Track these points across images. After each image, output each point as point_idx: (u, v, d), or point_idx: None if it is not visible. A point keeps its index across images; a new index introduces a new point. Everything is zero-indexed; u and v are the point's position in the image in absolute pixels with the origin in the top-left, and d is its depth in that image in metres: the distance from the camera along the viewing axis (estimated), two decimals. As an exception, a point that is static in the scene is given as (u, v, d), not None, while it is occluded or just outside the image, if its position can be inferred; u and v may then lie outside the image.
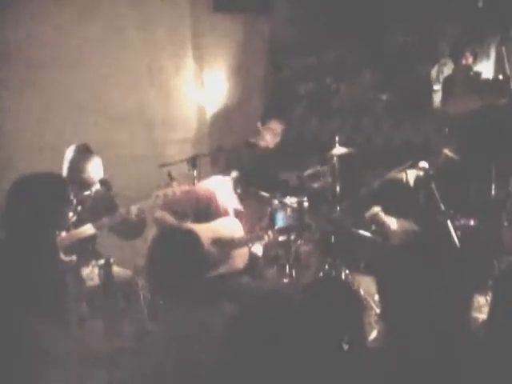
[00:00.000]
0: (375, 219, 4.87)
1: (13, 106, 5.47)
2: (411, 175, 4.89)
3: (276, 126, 5.33)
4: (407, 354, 2.09)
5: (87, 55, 5.85)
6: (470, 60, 6.73)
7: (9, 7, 5.35)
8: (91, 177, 4.36)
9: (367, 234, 4.80)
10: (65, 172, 4.30)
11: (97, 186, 4.42)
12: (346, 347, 2.56)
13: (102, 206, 4.43)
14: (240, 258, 4.34)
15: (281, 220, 4.73)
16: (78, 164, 4.31)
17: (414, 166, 4.81)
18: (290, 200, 4.77)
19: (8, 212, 3.21)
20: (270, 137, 5.32)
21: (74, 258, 3.94)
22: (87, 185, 4.34)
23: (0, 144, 5.40)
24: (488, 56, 7.15)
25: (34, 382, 2.89)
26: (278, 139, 5.37)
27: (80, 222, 4.16)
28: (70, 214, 4.11)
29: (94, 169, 4.37)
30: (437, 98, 7.17)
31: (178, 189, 4.20)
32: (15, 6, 5.38)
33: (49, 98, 5.62)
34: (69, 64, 5.73)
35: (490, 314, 2.33)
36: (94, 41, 5.89)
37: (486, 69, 7.09)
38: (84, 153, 4.37)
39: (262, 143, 5.41)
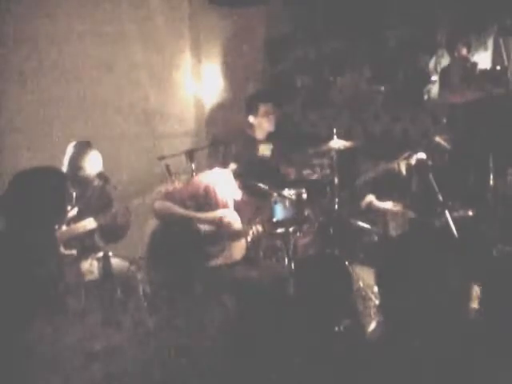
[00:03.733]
0: (370, 207, 4.88)
1: (13, 102, 5.48)
2: (403, 164, 4.90)
3: (267, 108, 5.34)
4: (406, 345, 2.10)
5: (85, 50, 5.84)
6: (464, 51, 6.72)
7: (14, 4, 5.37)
8: (90, 173, 4.39)
9: (366, 225, 4.81)
10: (65, 168, 4.35)
11: (96, 180, 4.44)
12: (342, 329, 2.58)
13: (100, 200, 4.45)
14: (238, 249, 4.36)
15: (279, 212, 4.72)
16: (77, 160, 4.37)
17: (412, 157, 4.82)
18: (289, 192, 4.77)
19: (8, 206, 3.22)
20: (266, 122, 5.34)
21: (73, 251, 3.97)
22: (87, 180, 4.38)
23: (1, 141, 5.41)
24: (486, 47, 7.14)
25: (32, 374, 2.90)
26: (273, 123, 5.37)
27: (79, 217, 4.17)
28: (69, 208, 4.12)
29: (94, 165, 4.41)
30: (434, 89, 7.16)
31: (179, 185, 4.25)
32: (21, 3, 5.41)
33: (48, 92, 5.62)
34: (68, 59, 5.72)
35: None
36: (92, 35, 5.88)
37: (483, 59, 7.09)
38: (84, 149, 4.41)
39: (260, 134, 5.42)
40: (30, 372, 2.92)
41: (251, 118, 5.37)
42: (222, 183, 4.55)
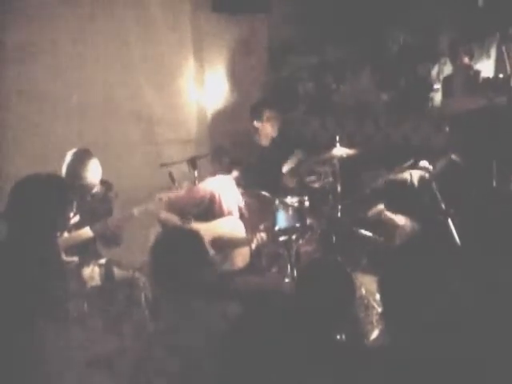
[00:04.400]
0: (380, 217, 4.86)
1: (13, 107, 5.47)
2: (416, 175, 4.89)
3: (272, 116, 5.38)
4: (409, 352, 2.09)
5: (87, 56, 5.85)
6: (466, 59, 6.73)
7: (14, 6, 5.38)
8: (91, 180, 4.37)
9: (368, 233, 4.80)
10: (64, 175, 4.30)
11: (97, 187, 4.43)
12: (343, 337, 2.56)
13: (102, 207, 4.44)
14: (241, 257, 4.35)
15: (282, 220, 4.72)
16: (77, 168, 4.32)
17: (415, 165, 4.81)
18: (291, 200, 4.77)
19: (9, 213, 3.21)
20: (269, 129, 5.38)
21: (75, 258, 3.96)
22: (87, 188, 4.35)
23: (1, 145, 5.41)
24: (488, 55, 7.14)
25: (34, 380, 2.90)
26: (276, 129, 5.41)
27: (82, 223, 4.16)
28: (71, 215, 4.12)
29: (93, 173, 4.38)
30: (437, 98, 7.16)
31: (181, 192, 4.24)
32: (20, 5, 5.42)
33: (48, 97, 5.62)
34: (69, 64, 5.73)
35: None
36: (95, 42, 5.89)
37: (486, 68, 7.09)
38: (82, 158, 4.37)
39: (262, 141, 5.43)
40: (32, 378, 2.91)
41: (256, 123, 5.41)
42: (227, 190, 4.55)
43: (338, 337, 2.88)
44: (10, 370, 2.87)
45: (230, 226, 4.39)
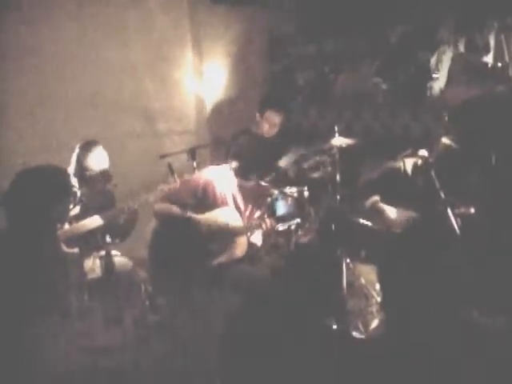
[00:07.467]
0: (374, 208, 4.87)
1: (15, 103, 5.48)
2: (409, 164, 4.89)
3: (273, 117, 5.37)
4: (408, 341, 2.10)
5: (86, 48, 5.84)
6: (465, 48, 6.73)
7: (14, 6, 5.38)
8: (96, 171, 4.41)
9: (368, 223, 4.80)
10: (72, 167, 4.37)
11: (100, 178, 4.45)
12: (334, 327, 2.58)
13: (102, 198, 4.45)
14: (239, 246, 4.35)
15: (281, 210, 4.73)
16: (83, 159, 4.39)
17: (414, 154, 4.81)
18: (290, 190, 4.78)
19: (10, 204, 3.22)
20: (267, 127, 5.37)
21: (76, 250, 3.97)
22: (92, 178, 4.39)
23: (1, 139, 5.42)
24: (487, 43, 7.14)
25: (35, 372, 2.91)
26: (275, 129, 5.41)
27: (82, 215, 4.18)
28: (72, 206, 4.13)
29: (99, 163, 4.43)
30: (436, 86, 7.16)
31: (178, 182, 4.26)
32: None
33: (49, 90, 5.62)
34: (68, 56, 5.73)
35: None
36: (94, 34, 5.89)
37: (485, 56, 7.08)
38: (90, 149, 4.45)
39: (261, 133, 5.44)
40: (33, 371, 2.93)
41: (257, 116, 5.43)
42: (221, 180, 4.55)
43: (336, 326, 2.90)
44: (11, 363, 2.88)
45: (227, 216, 4.40)
